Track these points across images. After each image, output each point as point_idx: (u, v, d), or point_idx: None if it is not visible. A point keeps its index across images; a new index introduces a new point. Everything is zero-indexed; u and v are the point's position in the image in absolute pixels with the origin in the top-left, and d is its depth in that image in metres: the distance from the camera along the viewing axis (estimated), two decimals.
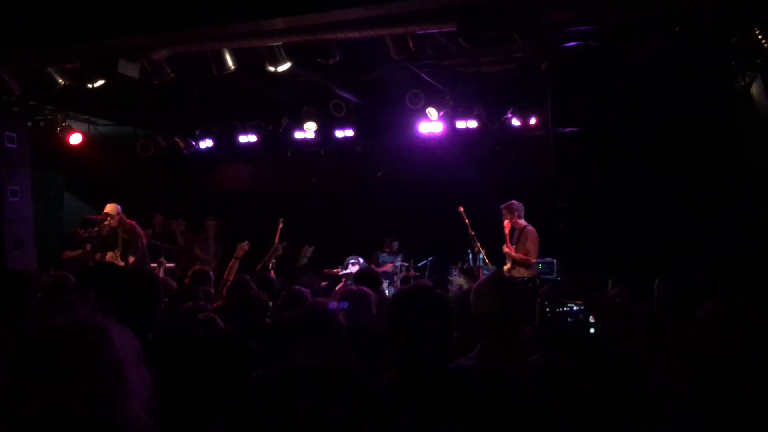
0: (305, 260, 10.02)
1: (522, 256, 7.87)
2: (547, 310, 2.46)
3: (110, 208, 8.88)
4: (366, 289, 4.03)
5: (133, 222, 9.03)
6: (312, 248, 9.93)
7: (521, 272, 7.82)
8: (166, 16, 5.91)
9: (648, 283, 3.46)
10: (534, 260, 7.89)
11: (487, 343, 3.00)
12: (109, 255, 8.75)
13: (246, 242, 6.89)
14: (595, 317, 2.40)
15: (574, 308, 2.43)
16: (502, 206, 8.10)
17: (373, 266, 10.22)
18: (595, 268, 6.51)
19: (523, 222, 8.04)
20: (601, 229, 7.47)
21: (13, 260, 8.36)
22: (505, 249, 7.98)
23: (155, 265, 9.06)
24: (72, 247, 9.08)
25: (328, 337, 2.97)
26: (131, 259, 8.67)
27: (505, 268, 8.05)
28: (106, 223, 8.81)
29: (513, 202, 8.08)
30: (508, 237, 7.99)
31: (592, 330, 2.40)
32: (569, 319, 2.42)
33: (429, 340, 2.45)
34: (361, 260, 10.27)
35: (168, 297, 4.74)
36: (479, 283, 3.22)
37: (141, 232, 9.13)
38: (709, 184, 6.99)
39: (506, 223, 8.01)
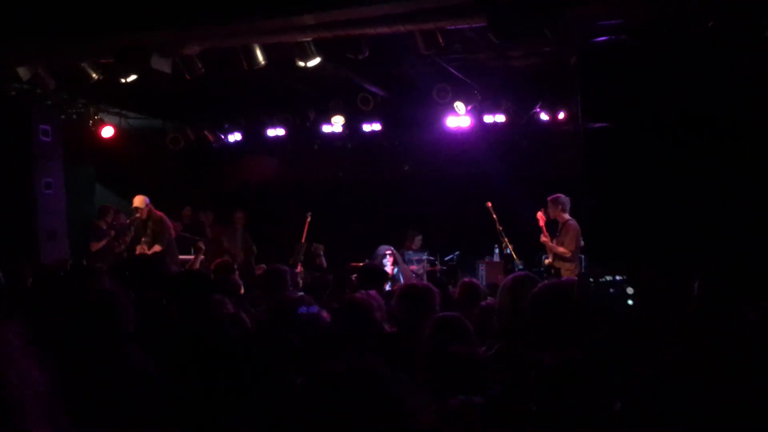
0: (321, 257, 10.10)
1: (560, 249, 7.85)
2: (591, 280, 2.44)
3: (138, 200, 9.00)
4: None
5: (161, 213, 9.16)
6: (322, 246, 10.03)
7: (564, 266, 7.78)
8: (198, 11, 5.98)
9: (675, 280, 3.43)
10: (569, 254, 7.82)
11: (506, 342, 3.01)
12: (138, 247, 8.89)
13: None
14: (634, 290, 2.38)
15: (617, 278, 2.42)
16: (549, 198, 8.06)
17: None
18: (621, 264, 6.49)
19: (566, 216, 7.97)
20: (628, 225, 7.40)
21: (46, 251, 8.52)
22: (543, 239, 7.99)
23: (190, 257, 9.16)
24: (97, 239, 9.25)
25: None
26: (158, 248, 8.79)
27: (547, 261, 8.04)
28: (138, 215, 8.93)
29: (560, 195, 8.04)
30: (544, 228, 7.99)
31: (630, 302, 2.39)
32: (611, 290, 2.41)
33: None
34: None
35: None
36: (503, 283, 3.23)
37: (170, 224, 9.25)
38: (739, 182, 6.89)
39: (539, 215, 8.02)
